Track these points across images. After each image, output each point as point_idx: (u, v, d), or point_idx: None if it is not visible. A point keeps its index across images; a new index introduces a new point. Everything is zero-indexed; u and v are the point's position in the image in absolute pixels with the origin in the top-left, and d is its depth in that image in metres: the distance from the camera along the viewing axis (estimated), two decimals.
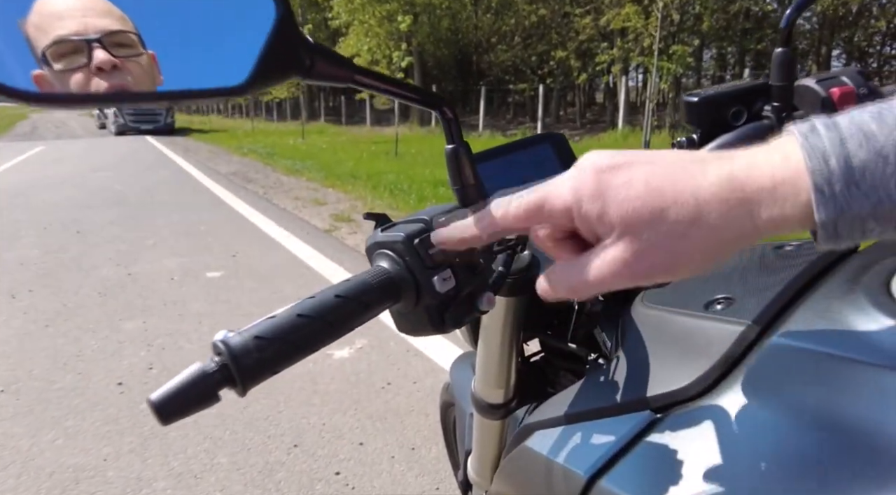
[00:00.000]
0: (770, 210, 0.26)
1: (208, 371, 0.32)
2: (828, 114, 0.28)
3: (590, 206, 0.30)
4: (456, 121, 0.41)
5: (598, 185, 0.30)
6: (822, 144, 0.26)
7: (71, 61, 0.36)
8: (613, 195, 0.29)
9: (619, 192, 0.29)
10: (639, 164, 0.30)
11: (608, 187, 0.29)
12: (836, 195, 0.25)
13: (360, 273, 0.38)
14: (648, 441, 0.43)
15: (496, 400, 0.75)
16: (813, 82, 0.56)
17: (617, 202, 0.29)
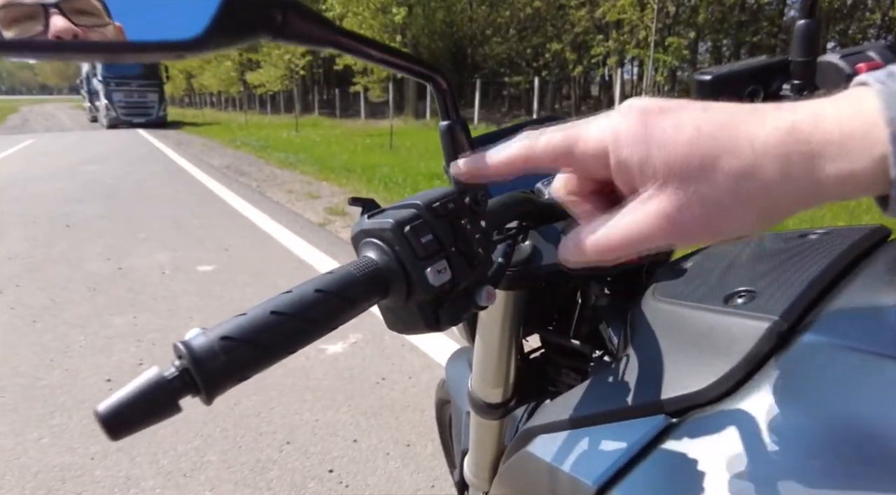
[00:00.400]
0: (836, 165, 0.23)
1: (167, 377, 0.28)
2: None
3: (631, 150, 0.26)
4: (452, 93, 0.37)
5: (644, 127, 0.26)
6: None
7: (25, 29, 0.31)
8: (660, 138, 0.26)
9: (666, 136, 0.26)
10: (690, 109, 0.26)
11: (654, 129, 0.26)
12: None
13: (345, 264, 0.34)
14: (664, 448, 0.39)
15: (494, 399, 0.71)
16: (837, 58, 0.52)
17: (663, 146, 0.25)
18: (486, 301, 0.38)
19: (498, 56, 21.00)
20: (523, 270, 0.52)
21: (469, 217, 0.37)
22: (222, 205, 5.44)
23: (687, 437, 0.38)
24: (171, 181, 6.98)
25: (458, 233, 0.36)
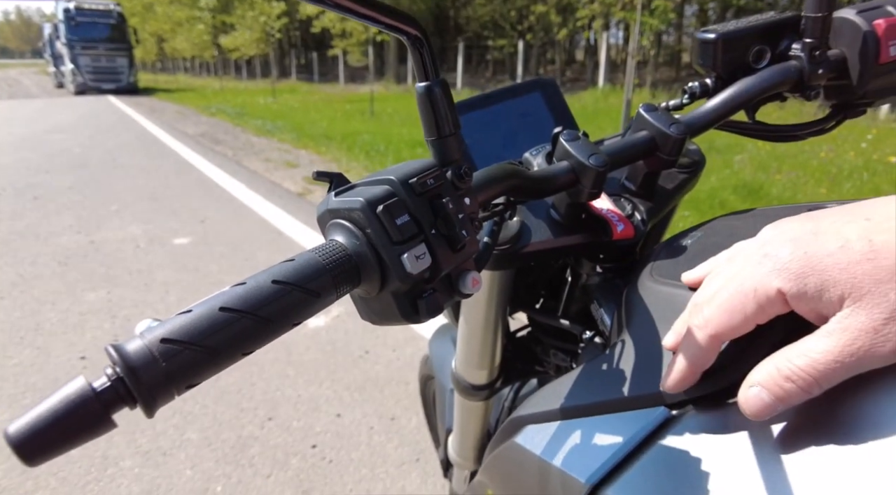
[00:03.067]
0: None
1: (96, 388, 0.23)
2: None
3: (805, 283, 0.26)
4: (429, 48, 0.31)
5: (808, 258, 0.26)
6: None
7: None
8: (831, 264, 0.25)
9: (837, 259, 0.25)
10: (849, 222, 0.26)
11: (821, 257, 0.25)
12: None
13: (309, 250, 0.30)
14: (663, 443, 0.36)
15: (479, 381, 0.68)
16: (852, 14, 0.47)
17: (839, 269, 0.25)
18: (470, 288, 0.34)
19: (481, 18, 20.48)
20: (510, 249, 0.48)
21: (451, 194, 0.32)
22: (198, 175, 5.29)
23: (689, 432, 0.35)
24: (143, 150, 6.75)
25: (439, 212, 0.31)
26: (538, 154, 0.49)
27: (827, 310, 0.25)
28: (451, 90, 0.33)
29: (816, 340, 0.26)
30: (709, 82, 0.52)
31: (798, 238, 0.26)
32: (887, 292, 0.24)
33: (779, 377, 0.27)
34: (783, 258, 0.26)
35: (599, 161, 0.42)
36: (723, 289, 0.29)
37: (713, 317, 0.29)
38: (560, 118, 0.57)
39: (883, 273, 0.24)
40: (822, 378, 0.26)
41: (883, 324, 0.24)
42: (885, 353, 0.24)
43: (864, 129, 6.49)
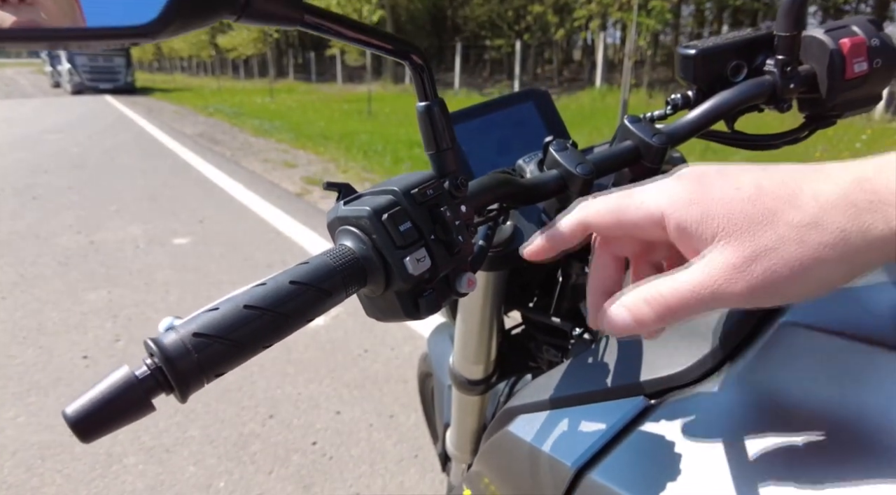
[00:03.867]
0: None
1: (138, 376, 0.27)
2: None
3: (689, 209, 0.26)
4: (429, 72, 0.35)
5: (701, 187, 0.26)
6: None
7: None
8: (718, 196, 0.26)
9: (724, 193, 0.26)
10: (750, 171, 0.27)
11: (712, 189, 0.26)
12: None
13: (320, 253, 0.33)
14: (642, 430, 0.39)
15: (475, 376, 0.72)
16: (821, 33, 0.51)
17: (722, 203, 0.25)
18: (466, 288, 0.37)
19: (478, 18, 20.52)
20: (504, 251, 0.51)
21: (448, 203, 0.36)
22: (196, 176, 5.31)
23: (665, 419, 0.38)
24: (141, 150, 6.76)
25: (438, 220, 0.34)
26: (530, 161, 0.52)
27: (700, 244, 0.26)
28: (447, 108, 0.36)
29: (683, 271, 0.26)
30: (690, 94, 0.55)
31: (703, 175, 0.27)
32: (757, 232, 0.24)
33: (640, 299, 0.27)
34: (680, 185, 0.27)
35: (586, 170, 0.46)
36: (618, 193, 0.30)
37: (592, 207, 0.31)
38: (552, 127, 0.61)
39: (760, 214, 0.25)
40: (677, 306, 0.26)
41: (744, 262, 0.24)
42: (739, 292, 0.25)
43: (859, 129, 6.54)
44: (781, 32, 0.50)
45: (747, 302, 0.25)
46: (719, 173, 0.27)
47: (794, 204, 0.24)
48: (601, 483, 0.39)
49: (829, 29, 0.51)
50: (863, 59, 0.49)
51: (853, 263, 0.24)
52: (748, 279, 0.24)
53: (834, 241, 0.23)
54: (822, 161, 0.26)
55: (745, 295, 0.25)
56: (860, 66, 0.49)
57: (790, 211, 0.24)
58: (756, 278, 0.24)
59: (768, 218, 0.24)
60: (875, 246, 0.23)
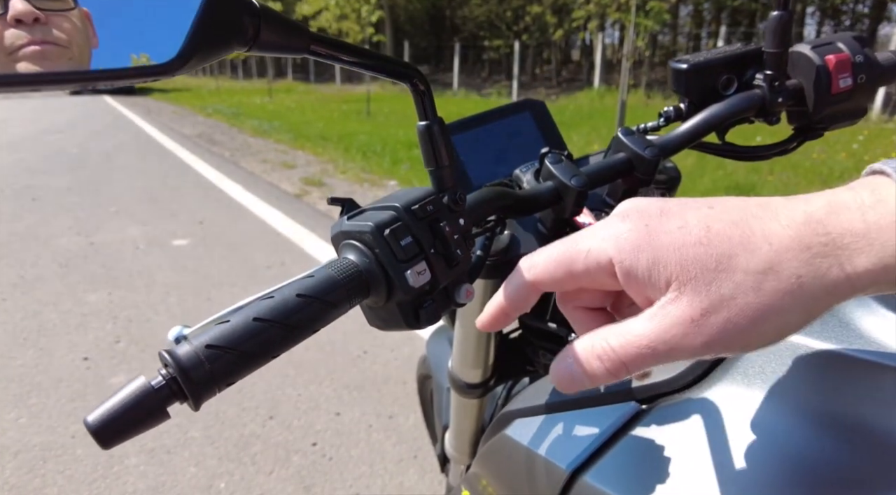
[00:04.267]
0: (866, 258, 0.22)
1: (154, 386, 0.28)
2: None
3: (637, 256, 0.25)
4: (429, 93, 0.36)
5: (647, 232, 0.25)
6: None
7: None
8: (667, 242, 0.24)
9: (674, 238, 0.24)
10: (694, 208, 0.25)
11: (659, 233, 0.25)
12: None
13: (325, 265, 0.34)
14: (634, 434, 0.41)
15: (473, 379, 0.73)
16: (808, 49, 0.53)
17: (673, 249, 0.24)
18: (464, 298, 0.39)
19: (477, 19, 20.54)
20: (502, 259, 0.53)
21: (447, 217, 0.37)
22: (195, 177, 5.32)
23: (655, 424, 0.40)
24: (140, 151, 6.77)
25: (438, 235, 0.36)
26: (527, 171, 0.54)
27: (653, 293, 0.25)
28: (446, 127, 0.38)
29: (636, 322, 0.25)
30: (682, 107, 0.57)
31: (645, 212, 0.26)
32: (711, 281, 0.23)
33: (591, 354, 0.26)
34: (625, 228, 0.26)
35: (580, 182, 0.47)
36: (562, 244, 0.28)
37: (539, 264, 0.28)
38: (548, 137, 0.62)
39: (712, 261, 0.23)
40: (631, 362, 0.25)
41: (701, 314, 0.23)
42: (696, 346, 0.24)
43: (856, 130, 6.57)
44: (769, 49, 0.51)
45: (704, 354, 0.24)
46: (663, 213, 0.25)
47: (748, 248, 0.23)
48: (594, 485, 0.40)
49: (815, 45, 0.52)
50: (848, 75, 0.51)
51: (811, 310, 0.23)
52: (706, 333, 0.23)
53: (791, 288, 0.23)
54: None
55: (703, 348, 0.24)
56: (845, 81, 0.51)
57: (744, 255, 0.23)
58: (714, 331, 0.23)
59: (723, 264, 0.23)
60: (831, 291, 0.23)
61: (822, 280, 0.22)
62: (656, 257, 0.24)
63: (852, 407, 0.32)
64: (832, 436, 0.32)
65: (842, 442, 0.31)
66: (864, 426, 0.31)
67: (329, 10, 14.76)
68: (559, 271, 0.27)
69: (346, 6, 14.44)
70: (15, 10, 0.29)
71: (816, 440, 0.32)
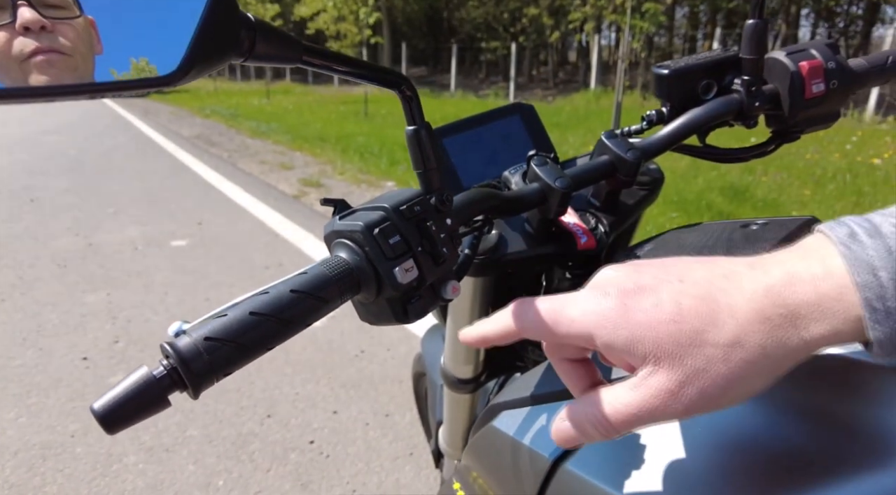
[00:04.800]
0: (819, 326, 0.25)
1: (156, 375, 0.30)
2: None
3: (616, 333, 0.27)
4: (416, 99, 0.38)
5: (625, 310, 0.27)
6: (866, 255, 0.24)
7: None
8: (643, 320, 0.27)
9: (649, 317, 0.27)
10: (666, 284, 0.28)
11: (635, 312, 0.27)
12: (892, 311, 0.23)
13: (317, 263, 0.37)
14: None
15: (465, 375, 0.75)
16: (783, 55, 0.55)
17: (647, 327, 0.27)
18: (451, 295, 0.41)
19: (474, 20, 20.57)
20: (490, 258, 0.55)
21: (434, 217, 0.39)
22: (193, 178, 5.33)
23: None
24: (139, 152, 6.78)
25: (425, 234, 0.38)
26: (515, 173, 0.56)
27: (634, 362, 0.27)
28: (433, 131, 0.40)
29: (621, 391, 0.28)
30: (664, 110, 0.59)
31: (624, 290, 0.28)
32: (685, 356, 0.26)
33: (584, 419, 0.29)
34: (606, 305, 0.28)
35: (564, 183, 0.49)
36: (551, 305, 0.30)
37: (528, 318, 0.31)
38: (537, 139, 0.64)
39: (685, 337, 0.26)
40: (621, 426, 0.28)
41: (678, 386, 0.26)
42: (677, 412, 0.27)
43: (849, 131, 6.61)
44: (746, 55, 0.54)
45: (684, 418, 0.27)
46: (639, 290, 0.28)
47: (715, 323, 0.26)
48: (575, 472, 0.42)
49: (790, 52, 0.54)
50: (820, 81, 0.53)
51: (774, 372, 0.26)
52: (684, 402, 0.26)
53: (755, 358, 0.25)
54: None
55: (682, 413, 0.27)
56: (818, 86, 0.53)
57: (712, 330, 0.26)
58: (690, 399, 0.26)
59: (693, 339, 0.26)
60: (790, 355, 0.26)
61: (783, 348, 0.25)
62: (633, 334, 0.27)
63: (813, 393, 0.34)
64: (795, 420, 0.34)
65: (803, 426, 0.33)
66: (823, 411, 0.33)
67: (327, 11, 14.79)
68: (544, 330, 0.30)
69: (344, 8, 14.47)
70: (23, 19, 0.31)
71: (779, 424, 0.34)
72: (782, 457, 0.34)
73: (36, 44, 0.31)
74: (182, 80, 0.27)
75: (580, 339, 0.29)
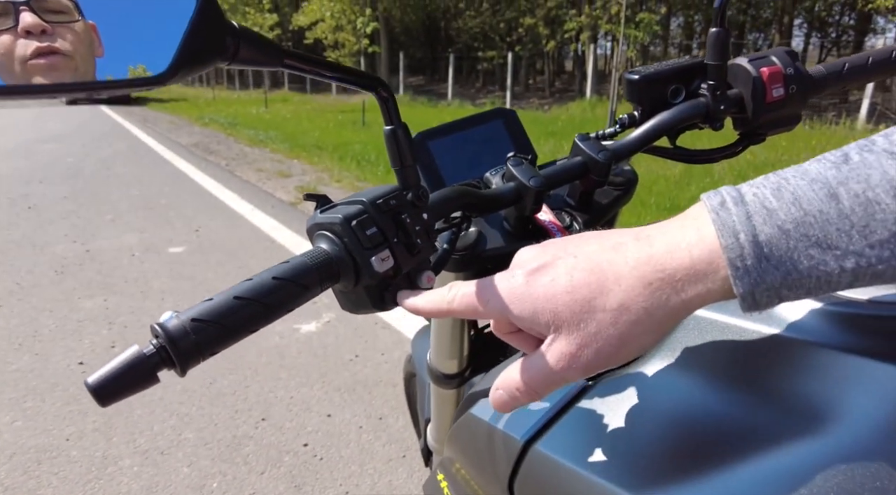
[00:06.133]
0: (694, 287, 0.28)
1: (146, 353, 0.33)
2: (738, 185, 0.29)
3: (521, 308, 0.31)
4: (393, 101, 0.41)
5: (527, 287, 0.31)
6: (731, 220, 0.27)
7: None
8: (542, 294, 0.31)
9: (546, 291, 0.30)
10: (562, 259, 0.31)
11: (536, 287, 0.31)
12: (750, 269, 0.26)
13: (300, 254, 0.39)
14: (580, 406, 0.45)
15: (450, 370, 0.78)
16: (745, 61, 0.58)
17: (546, 300, 0.30)
18: (426, 284, 0.43)
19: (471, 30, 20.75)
20: (469, 254, 0.57)
21: (410, 211, 0.42)
22: (191, 185, 5.36)
23: (598, 397, 0.45)
24: (137, 160, 6.81)
25: (400, 225, 0.41)
26: (496, 174, 0.59)
27: (541, 332, 0.31)
28: (409, 131, 0.43)
29: (534, 358, 0.32)
30: (636, 114, 0.62)
31: (528, 269, 0.32)
32: (580, 322, 0.29)
33: (511, 385, 0.33)
34: (514, 283, 0.32)
35: (538, 182, 0.52)
36: (473, 288, 0.34)
37: (456, 299, 0.35)
38: (518, 143, 0.67)
39: (578, 306, 0.29)
40: (539, 388, 0.32)
41: (577, 349, 0.30)
42: (578, 372, 0.30)
43: (841, 139, 6.68)
44: (711, 61, 0.57)
45: (586, 376, 0.31)
46: (540, 268, 0.31)
47: (603, 291, 0.29)
48: (546, 453, 0.45)
49: (752, 58, 0.58)
50: (780, 86, 0.56)
51: (659, 330, 0.29)
52: (583, 362, 0.30)
53: (641, 319, 0.29)
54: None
55: (584, 372, 0.31)
56: (778, 91, 0.56)
57: (601, 298, 0.29)
58: (589, 360, 0.30)
59: (585, 307, 0.29)
60: (673, 315, 0.29)
61: (664, 308, 0.29)
62: (535, 307, 0.31)
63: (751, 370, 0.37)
64: (740, 396, 0.37)
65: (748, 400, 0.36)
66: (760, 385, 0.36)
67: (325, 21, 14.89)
68: (469, 311, 0.34)
69: (342, 17, 14.58)
70: (25, 23, 0.34)
71: (727, 400, 0.37)
72: (730, 430, 0.36)
73: (37, 44, 0.34)
74: (171, 80, 0.29)
75: (498, 316, 0.33)
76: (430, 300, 0.38)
